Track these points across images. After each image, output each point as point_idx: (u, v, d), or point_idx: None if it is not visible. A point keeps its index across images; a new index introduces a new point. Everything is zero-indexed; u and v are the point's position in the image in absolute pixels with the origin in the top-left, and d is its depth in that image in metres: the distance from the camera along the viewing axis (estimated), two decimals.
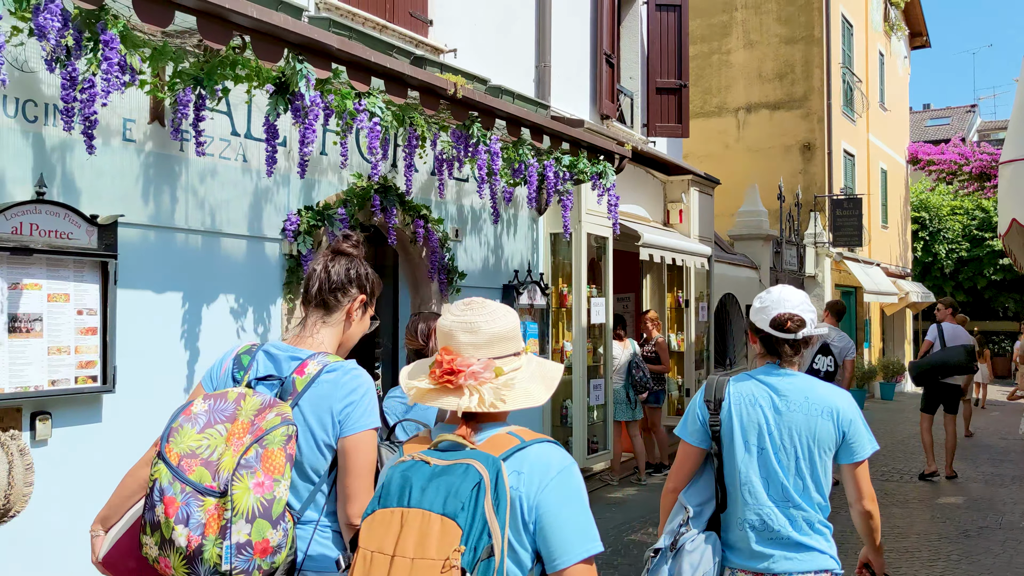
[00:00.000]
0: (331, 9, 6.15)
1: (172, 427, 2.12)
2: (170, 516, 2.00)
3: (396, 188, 6.26)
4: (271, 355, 2.29)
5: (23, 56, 4.17)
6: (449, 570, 1.62)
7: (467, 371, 1.85)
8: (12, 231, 4.03)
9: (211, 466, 2.03)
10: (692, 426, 2.90)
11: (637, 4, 11.21)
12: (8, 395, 4.05)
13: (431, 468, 1.77)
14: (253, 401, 2.11)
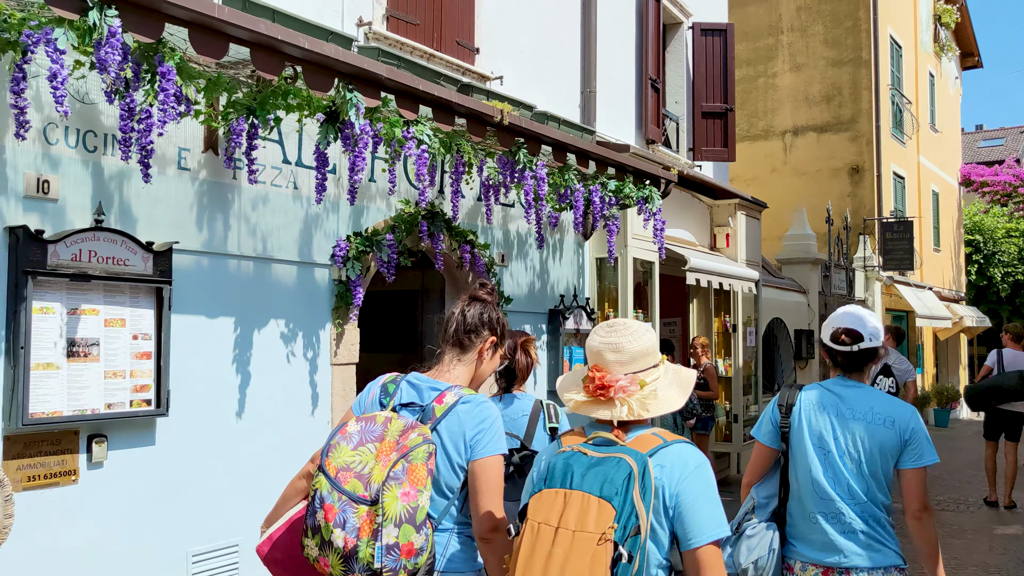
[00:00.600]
0: (380, 39, 6.26)
1: (330, 444, 2.45)
2: (329, 520, 2.34)
3: (443, 214, 6.32)
4: (413, 385, 2.64)
5: (84, 88, 4.30)
6: (604, 542, 1.98)
7: (616, 386, 2.21)
8: (72, 258, 4.14)
9: (363, 478, 2.36)
10: (765, 428, 3.24)
11: (682, 29, 11.23)
12: (66, 418, 4.15)
13: (588, 459, 2.13)
14: (398, 424, 2.45)
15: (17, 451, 4.03)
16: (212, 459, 4.86)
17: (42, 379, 4.07)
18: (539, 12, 8.15)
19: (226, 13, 4.00)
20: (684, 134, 11.16)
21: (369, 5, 6.26)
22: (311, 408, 5.49)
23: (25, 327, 3.98)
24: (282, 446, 5.27)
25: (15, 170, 4.06)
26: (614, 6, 9.34)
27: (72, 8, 3.50)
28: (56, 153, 4.22)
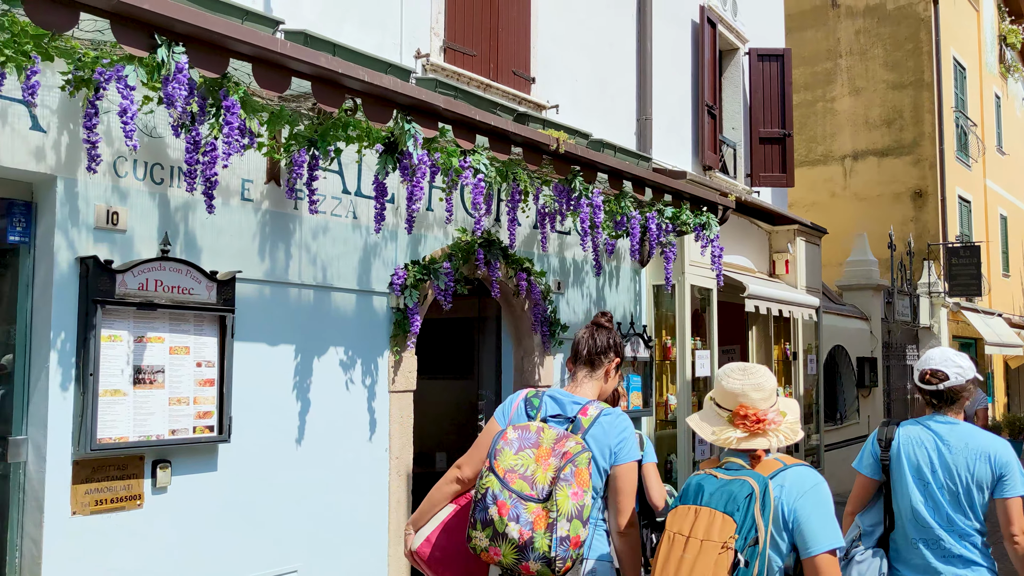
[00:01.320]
0: (437, 70, 6.35)
1: (496, 449, 2.82)
2: (503, 515, 2.70)
3: (499, 242, 6.35)
4: (556, 399, 3.04)
5: (152, 122, 4.44)
6: (726, 550, 2.37)
7: (767, 419, 2.63)
8: (139, 287, 4.26)
9: (528, 479, 2.75)
10: (866, 461, 3.57)
11: (738, 55, 11.18)
12: (132, 444, 4.24)
13: (718, 480, 2.54)
14: (550, 433, 2.84)
15: (86, 475, 4.13)
16: (272, 485, 4.93)
17: (110, 405, 4.17)
18: (595, 40, 8.19)
19: (288, 48, 4.10)
20: (741, 160, 11.07)
21: (427, 37, 6.36)
22: (369, 434, 5.54)
23: (94, 355, 4.09)
24: (341, 472, 5.32)
25: (86, 202, 4.19)
26: (670, 34, 9.34)
27: (142, 46, 3.62)
28: (125, 185, 4.35)
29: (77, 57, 3.84)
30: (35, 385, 4.12)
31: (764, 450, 2.64)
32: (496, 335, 7.18)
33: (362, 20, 5.86)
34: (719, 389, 2.74)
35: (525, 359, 6.95)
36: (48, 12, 3.32)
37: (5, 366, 4.19)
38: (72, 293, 4.13)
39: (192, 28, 3.70)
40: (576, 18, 7.98)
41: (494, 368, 7.19)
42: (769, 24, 12.07)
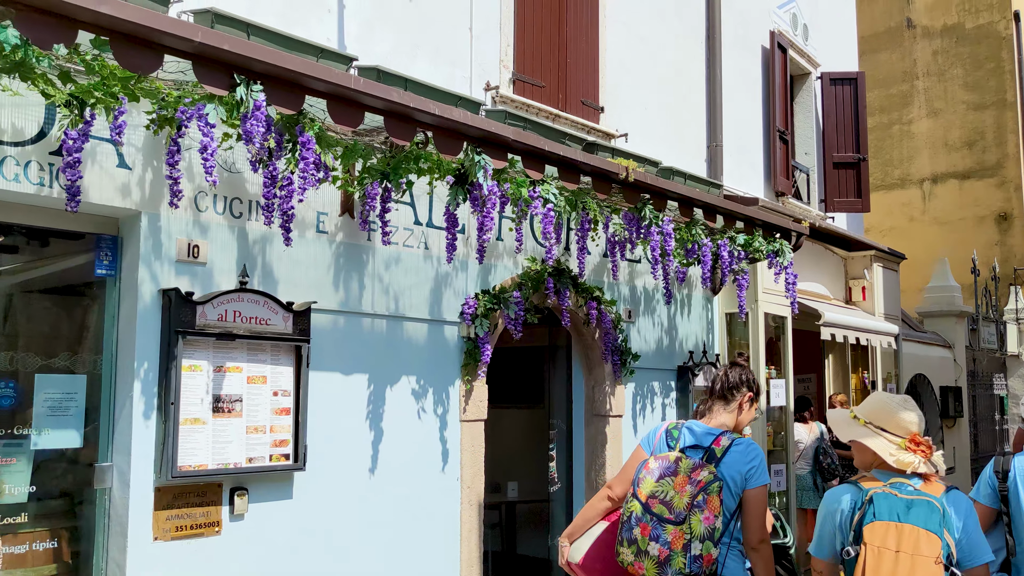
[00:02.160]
0: (506, 102, 6.42)
1: (639, 477, 3.27)
2: (645, 535, 3.15)
3: (569, 271, 6.36)
4: (692, 431, 3.41)
5: (231, 158, 4.58)
6: (939, 563, 2.75)
7: (933, 447, 3.05)
8: (218, 318, 4.38)
9: (667, 504, 3.16)
10: (984, 491, 3.84)
11: (811, 79, 11.04)
12: (211, 471, 4.35)
13: (900, 500, 2.90)
14: (687, 463, 3.23)
15: (167, 502, 4.24)
16: (346, 513, 4.98)
17: (190, 434, 4.29)
18: (663, 69, 8.19)
19: (362, 84, 4.20)
20: (815, 185, 10.90)
21: (496, 70, 6.45)
22: (441, 464, 5.57)
23: (175, 384, 4.21)
24: (413, 501, 5.35)
25: (169, 236, 4.34)
26: (739, 59, 9.29)
27: (222, 85, 3.75)
28: (205, 219, 4.49)
29: (161, 97, 4.00)
30: (120, 413, 4.26)
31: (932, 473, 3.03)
32: (567, 364, 7.17)
33: (433, 55, 5.97)
34: (891, 418, 3.10)
35: (596, 388, 6.92)
36: (135, 56, 3.47)
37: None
38: (155, 324, 4.27)
39: (269, 67, 3.83)
40: (645, 47, 7.99)
41: (565, 397, 7.17)
42: (841, 47, 11.90)
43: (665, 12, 8.31)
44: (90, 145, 4.00)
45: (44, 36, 3.22)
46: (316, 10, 5.27)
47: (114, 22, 3.34)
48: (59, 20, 3.24)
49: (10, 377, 4.22)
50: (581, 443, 7.00)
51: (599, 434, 6.88)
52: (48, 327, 4.75)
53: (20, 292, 4.71)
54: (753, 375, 3.57)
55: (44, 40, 3.23)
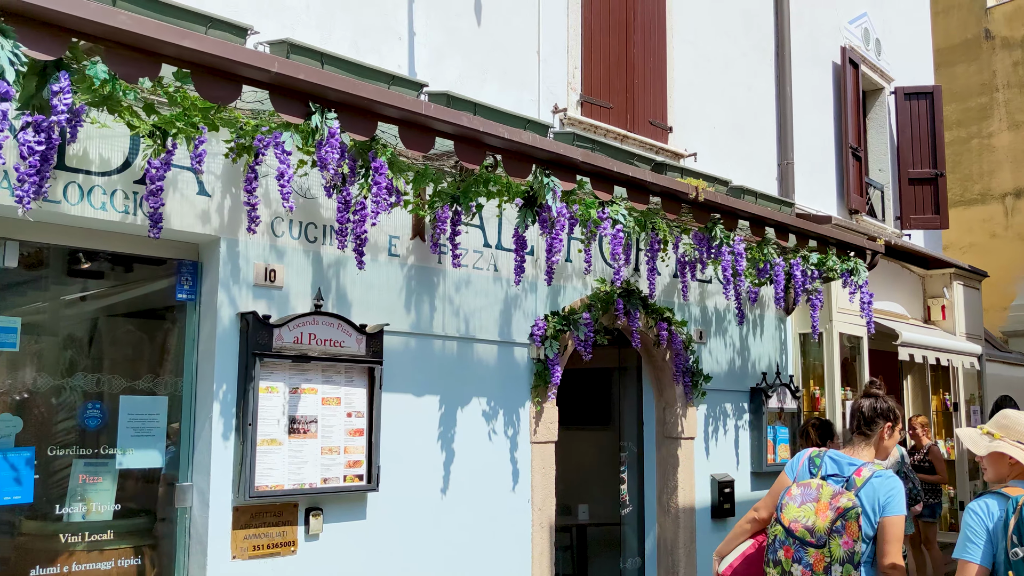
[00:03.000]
0: (574, 124, 6.44)
1: (782, 503, 3.55)
2: (788, 557, 3.45)
3: (639, 291, 6.33)
4: (834, 460, 3.64)
5: (306, 184, 4.69)
6: None
7: None
8: (294, 340, 4.47)
9: (809, 529, 3.43)
10: None
11: (884, 95, 10.84)
12: (287, 491, 4.43)
13: None
14: (828, 490, 3.48)
15: (244, 521, 4.33)
16: (418, 534, 5.02)
17: (267, 454, 4.37)
18: (731, 87, 8.13)
19: (432, 110, 4.27)
20: (890, 202, 10.67)
21: (564, 92, 6.48)
22: (512, 485, 5.57)
23: (253, 405, 4.31)
24: (484, 522, 5.36)
25: (247, 261, 4.46)
26: (810, 76, 9.17)
27: (298, 113, 3.85)
28: (281, 244, 4.60)
29: (239, 126, 4.12)
30: (199, 434, 4.37)
31: None
32: (637, 386, 7.12)
33: (501, 79, 6.04)
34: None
35: (667, 410, 6.85)
36: (215, 87, 3.59)
37: (173, 434, 4.46)
38: (233, 347, 4.38)
39: (343, 95, 3.92)
40: (713, 66, 7.95)
41: (635, 419, 7.12)
42: (916, 61, 11.66)
43: (733, 30, 8.27)
44: (171, 174, 4.14)
45: (130, 70, 3.35)
46: (387, 38, 5.38)
47: (195, 55, 3.46)
48: (144, 55, 3.37)
49: (97, 398, 4.37)
50: (652, 465, 6.93)
51: (671, 456, 6.80)
52: (131, 350, 4.90)
53: (104, 316, 4.88)
54: (889, 403, 3.74)
55: (130, 74, 3.36)
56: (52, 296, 4.53)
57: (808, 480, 3.57)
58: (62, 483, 4.27)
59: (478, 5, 5.99)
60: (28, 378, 4.24)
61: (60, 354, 4.52)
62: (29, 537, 4.21)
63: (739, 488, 7.21)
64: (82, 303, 4.81)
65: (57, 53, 3.14)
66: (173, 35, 3.37)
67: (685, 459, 6.81)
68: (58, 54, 3.14)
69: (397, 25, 5.47)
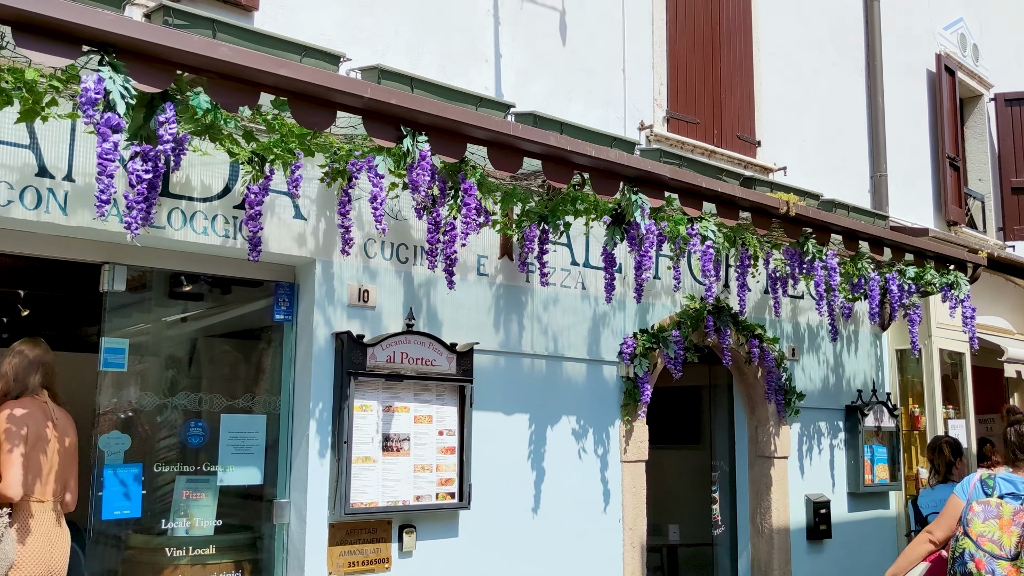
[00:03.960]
0: (661, 140, 6.41)
1: (967, 519, 3.80)
2: (980, 569, 3.67)
3: (729, 308, 6.24)
4: (1009, 480, 3.87)
5: (397, 206, 4.78)
6: None
7: None
8: (387, 359, 4.55)
9: (996, 543, 3.70)
10: None
11: (982, 102, 10.47)
12: (381, 508, 4.49)
13: None
14: (1008, 507, 3.76)
15: (340, 538, 4.40)
16: (510, 552, 5.02)
17: (361, 471, 4.45)
18: (820, 99, 7.98)
19: (520, 130, 4.30)
20: (992, 213, 10.28)
21: (650, 109, 6.46)
22: (603, 504, 5.54)
23: (348, 423, 4.40)
24: (575, 541, 5.34)
25: (341, 282, 4.56)
26: (902, 85, 8.93)
27: (390, 137, 3.93)
28: (374, 265, 4.69)
29: (333, 151, 4.23)
30: (296, 451, 4.48)
31: None
32: (728, 404, 7.01)
33: (587, 97, 6.05)
34: None
35: (759, 429, 6.72)
36: (311, 114, 3.69)
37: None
38: (328, 366, 4.48)
39: (433, 118, 3.98)
40: (801, 78, 7.82)
41: (726, 438, 7.00)
42: (1017, 66, 11.24)
43: (821, 42, 8.12)
44: (269, 198, 4.26)
45: (231, 100, 3.48)
46: (474, 61, 5.46)
47: (292, 83, 3.57)
48: (244, 85, 3.49)
49: (199, 417, 4.52)
50: (745, 485, 6.80)
51: (763, 476, 6.66)
52: (229, 369, 5.06)
53: (204, 337, 5.05)
54: None
55: (231, 104, 3.49)
56: (155, 318, 4.72)
57: (985, 499, 3.82)
58: (166, 498, 4.42)
59: (563, 25, 6.02)
60: (134, 397, 4.41)
61: (163, 374, 4.70)
62: (136, 550, 4.38)
63: (835, 509, 7.02)
64: (183, 324, 4.99)
65: (163, 85, 3.27)
66: (271, 65, 3.49)
67: (779, 479, 6.66)
68: (164, 86, 3.28)
69: (484, 48, 5.54)
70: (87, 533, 4.24)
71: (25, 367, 3.97)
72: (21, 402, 3.89)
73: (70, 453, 3.98)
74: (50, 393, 4.02)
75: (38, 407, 3.91)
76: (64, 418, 4.02)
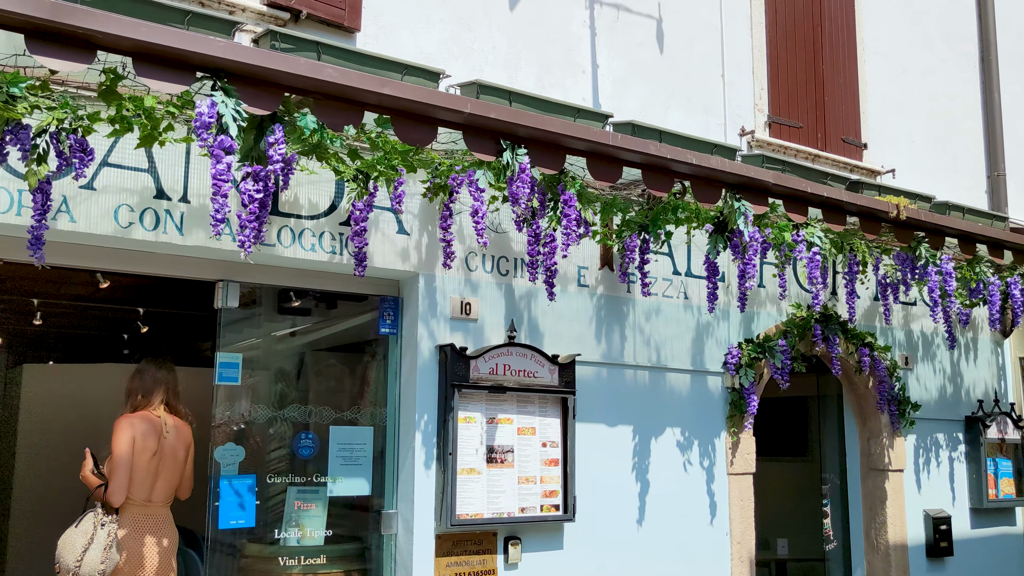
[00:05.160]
0: (763, 146, 6.29)
1: None
2: None
3: (837, 316, 6.06)
4: None
5: (497, 219, 4.81)
6: None
7: None
8: (490, 371, 4.58)
9: None
10: None
11: None
12: (487, 520, 4.51)
13: None
14: None
15: (446, 549, 4.44)
16: (615, 565, 4.98)
17: (466, 483, 4.48)
18: (930, 98, 7.69)
19: (619, 140, 4.28)
20: None
21: (751, 114, 6.34)
22: (709, 518, 5.43)
23: (452, 435, 4.44)
24: (681, 555, 5.26)
25: (443, 295, 4.61)
26: (1021, 79, 8.53)
27: (490, 151, 3.96)
28: (475, 278, 4.74)
29: (434, 166, 4.30)
30: (403, 463, 4.54)
31: None
32: (837, 414, 6.79)
33: (685, 104, 5.98)
34: None
35: (872, 440, 6.49)
36: (413, 130, 3.76)
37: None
38: (432, 378, 4.53)
39: (532, 131, 4.00)
40: (909, 77, 7.56)
41: (837, 450, 6.78)
42: None
43: (930, 39, 7.83)
44: (373, 214, 4.36)
45: (337, 119, 3.56)
46: (571, 72, 5.47)
47: (395, 101, 3.64)
48: (349, 104, 3.58)
49: (308, 429, 4.64)
50: (858, 499, 6.57)
51: (877, 489, 6.43)
52: (336, 382, 5.18)
53: (311, 351, 5.19)
54: None
55: (336, 123, 3.58)
56: (264, 333, 4.87)
57: None
58: (277, 509, 4.54)
59: (660, 33, 5.98)
60: (246, 410, 4.56)
61: (272, 387, 4.84)
62: (251, 559, 4.51)
63: (957, 526, 6.71)
64: (291, 339, 5.14)
65: (272, 107, 3.38)
66: (374, 84, 3.56)
67: (894, 493, 6.41)
68: (273, 108, 3.38)
69: (580, 59, 5.54)
70: (205, 542, 4.41)
71: (146, 385, 4.46)
72: (135, 416, 4.35)
73: (179, 462, 4.42)
74: (171, 407, 4.45)
75: (149, 421, 4.35)
76: (177, 430, 4.43)
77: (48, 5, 2.89)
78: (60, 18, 2.89)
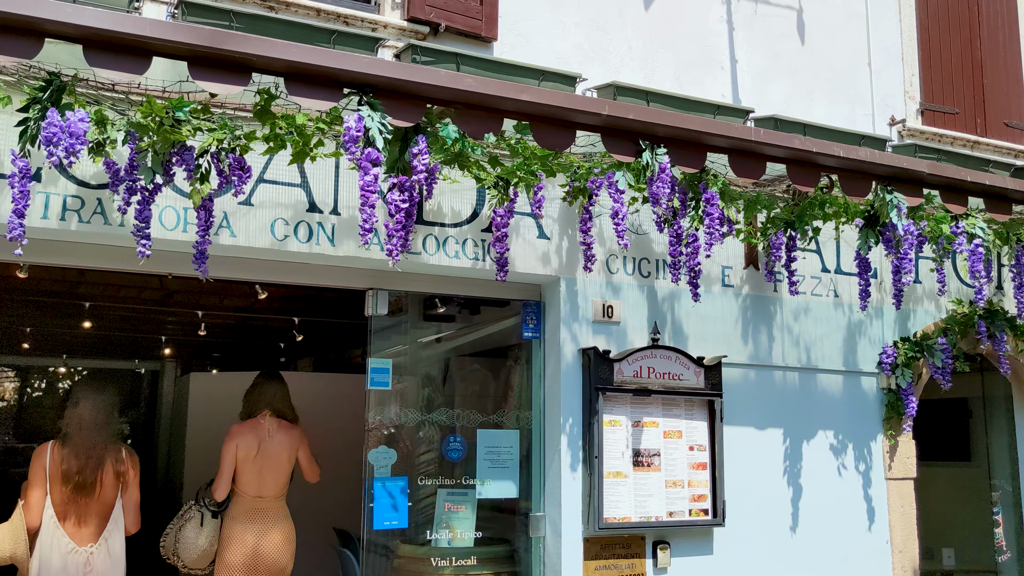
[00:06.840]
0: (915, 135, 6.00)
1: None
2: None
3: (1004, 312, 5.70)
4: None
5: (637, 221, 4.78)
6: None
7: None
8: (634, 374, 4.55)
9: None
10: None
11: None
12: (634, 524, 4.48)
13: None
14: None
15: (595, 552, 4.44)
16: (768, 572, 4.84)
17: (613, 487, 4.47)
18: None
19: (762, 135, 4.17)
20: None
21: (901, 103, 6.07)
22: (867, 524, 5.21)
23: (598, 438, 4.43)
24: (838, 562, 5.06)
25: (585, 298, 4.62)
26: None
27: (629, 152, 3.94)
28: (617, 281, 4.72)
29: (573, 170, 4.31)
30: (549, 466, 4.57)
31: None
32: (1007, 416, 6.38)
33: (830, 96, 5.78)
34: None
35: None
36: (552, 135, 3.78)
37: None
38: (576, 382, 4.54)
39: (671, 130, 3.95)
40: None
41: (1007, 454, 6.38)
42: None
43: None
44: (514, 220, 4.41)
45: (477, 128, 3.63)
46: (709, 69, 5.38)
47: (533, 107, 3.68)
48: (488, 113, 3.64)
49: (456, 432, 4.73)
50: None
51: None
52: (480, 386, 5.26)
53: (456, 356, 5.29)
54: None
55: (477, 131, 3.64)
56: (411, 339, 5.00)
57: None
58: (428, 510, 4.65)
59: (800, 24, 5.80)
60: (396, 414, 4.69)
61: (420, 392, 4.96)
62: (404, 559, 4.64)
63: None
64: (436, 344, 5.26)
65: (415, 119, 3.48)
66: (512, 91, 3.61)
67: None
68: (416, 120, 3.48)
69: (718, 55, 5.45)
70: (360, 542, 4.56)
71: (252, 399, 5.11)
72: (243, 425, 4.98)
73: (282, 461, 4.94)
74: (279, 414, 5.04)
75: (253, 428, 4.95)
76: (281, 434, 4.98)
77: (208, 32, 3.08)
78: (219, 44, 3.07)
